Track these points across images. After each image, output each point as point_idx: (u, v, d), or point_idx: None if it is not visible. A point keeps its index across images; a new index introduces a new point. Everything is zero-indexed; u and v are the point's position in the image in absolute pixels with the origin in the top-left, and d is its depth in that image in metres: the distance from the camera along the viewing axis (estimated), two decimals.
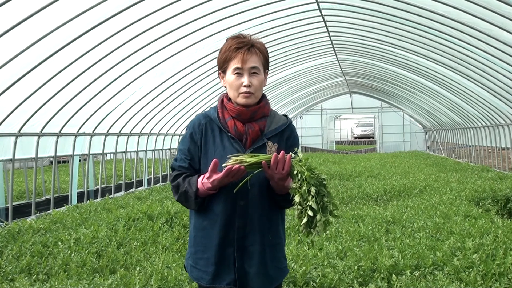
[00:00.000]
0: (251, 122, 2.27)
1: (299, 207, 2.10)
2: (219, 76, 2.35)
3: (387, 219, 6.98)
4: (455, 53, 11.52)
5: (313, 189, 2.08)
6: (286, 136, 2.33)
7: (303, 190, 2.08)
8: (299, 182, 2.11)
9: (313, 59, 16.61)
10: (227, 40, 2.30)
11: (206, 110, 2.42)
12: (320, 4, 10.58)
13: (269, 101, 2.37)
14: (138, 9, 7.82)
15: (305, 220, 2.08)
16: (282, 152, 2.12)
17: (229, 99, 2.30)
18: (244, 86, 2.22)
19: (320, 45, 14.61)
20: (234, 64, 2.23)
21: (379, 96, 26.72)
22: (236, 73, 2.23)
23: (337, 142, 40.55)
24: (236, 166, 2.08)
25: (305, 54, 15.50)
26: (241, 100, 2.24)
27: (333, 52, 15.75)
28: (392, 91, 22.44)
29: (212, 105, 2.45)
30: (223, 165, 2.12)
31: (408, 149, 28.90)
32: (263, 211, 2.25)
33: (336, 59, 17.10)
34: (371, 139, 41.33)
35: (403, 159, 19.99)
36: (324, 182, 2.15)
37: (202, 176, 2.20)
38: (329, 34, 13.17)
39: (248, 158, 2.12)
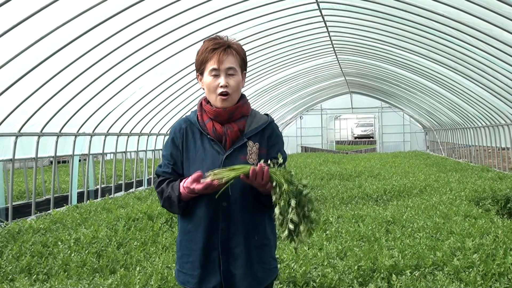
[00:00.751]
0: (230, 123, 2.26)
1: (280, 217, 2.08)
2: (197, 79, 2.34)
3: (387, 219, 6.98)
4: (455, 53, 11.52)
5: (292, 202, 2.06)
6: (267, 135, 2.30)
7: (283, 204, 2.06)
8: (278, 194, 2.08)
9: (313, 59, 16.61)
10: (204, 42, 2.29)
11: (187, 114, 2.42)
12: (320, 4, 10.58)
13: (248, 101, 2.35)
14: (138, 9, 7.82)
15: (286, 233, 2.07)
16: (259, 165, 2.09)
17: (208, 102, 2.29)
18: (221, 86, 2.21)
19: (320, 45, 14.60)
20: (211, 65, 2.22)
21: (379, 96, 26.72)
22: (213, 74, 2.23)
23: (337, 142, 40.54)
24: (215, 182, 2.08)
25: (305, 54, 15.49)
26: (218, 103, 2.24)
27: (333, 52, 15.75)
28: (392, 91, 22.44)
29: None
30: (202, 180, 2.12)
31: (408, 149, 28.89)
32: (246, 212, 2.23)
33: (336, 59, 17.10)
34: (371, 139, 41.32)
35: (403, 159, 19.99)
36: (305, 192, 2.11)
37: (184, 180, 2.20)
38: (329, 34, 13.17)
39: (226, 173, 2.10)
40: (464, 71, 12.75)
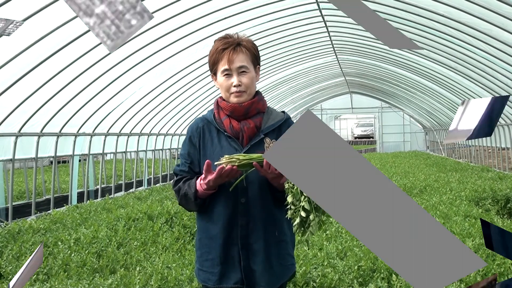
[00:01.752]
0: (246, 119, 2.26)
1: (292, 206, 2.08)
2: (212, 79, 2.35)
3: None
4: (455, 53, 11.53)
5: None
6: (284, 132, 2.29)
7: (296, 190, 2.06)
8: (291, 182, 2.09)
9: (313, 59, 16.61)
10: (214, 42, 2.31)
11: (203, 114, 2.43)
12: (320, 4, 10.58)
13: (264, 98, 2.36)
14: None
15: (298, 221, 2.07)
16: None
17: (224, 99, 2.31)
18: (234, 86, 2.22)
19: (320, 45, 14.61)
20: (222, 65, 2.23)
21: (379, 96, 26.73)
22: (225, 74, 2.23)
23: None
24: (228, 166, 2.08)
25: (305, 54, 15.50)
26: (233, 99, 2.25)
27: (333, 52, 15.75)
28: (392, 91, 22.45)
29: (211, 107, 2.45)
30: (216, 163, 2.12)
31: (408, 149, 28.90)
32: (265, 208, 2.24)
33: (336, 59, 17.10)
34: (371, 139, 41.34)
35: (403, 159, 19.99)
36: None
37: (200, 178, 2.21)
38: (329, 34, 13.17)
39: (240, 158, 2.10)
40: (464, 71, 12.76)
